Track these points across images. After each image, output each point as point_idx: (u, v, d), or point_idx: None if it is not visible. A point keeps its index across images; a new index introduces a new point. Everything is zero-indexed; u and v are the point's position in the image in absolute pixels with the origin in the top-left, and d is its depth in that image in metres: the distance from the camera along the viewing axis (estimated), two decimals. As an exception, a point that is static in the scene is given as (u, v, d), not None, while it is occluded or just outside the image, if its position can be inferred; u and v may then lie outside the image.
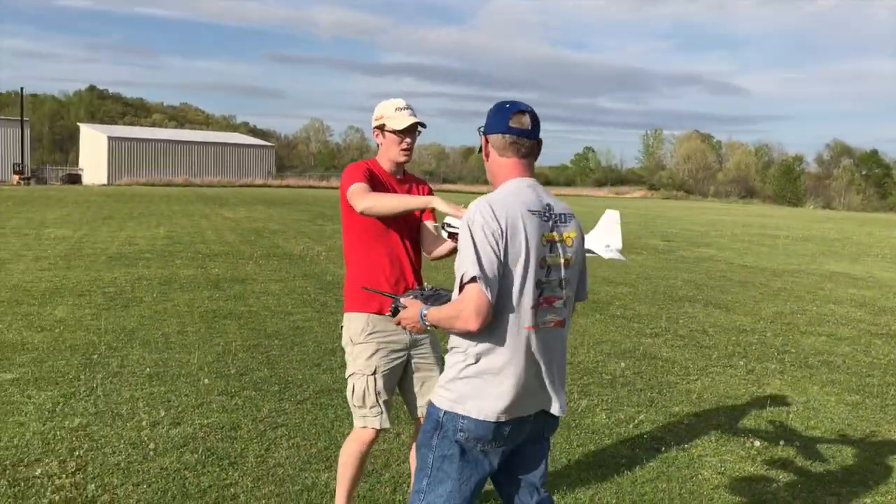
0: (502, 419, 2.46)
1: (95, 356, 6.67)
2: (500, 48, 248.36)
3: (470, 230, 2.41)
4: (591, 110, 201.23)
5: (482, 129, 2.64)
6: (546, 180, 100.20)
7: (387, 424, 3.47)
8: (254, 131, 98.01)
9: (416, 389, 3.53)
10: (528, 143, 2.57)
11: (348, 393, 3.50)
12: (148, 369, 6.31)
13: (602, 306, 10.25)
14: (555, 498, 4.15)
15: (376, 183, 3.45)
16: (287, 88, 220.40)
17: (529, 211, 2.46)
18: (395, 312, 2.84)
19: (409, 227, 3.52)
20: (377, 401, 3.43)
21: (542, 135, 2.63)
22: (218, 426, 5.04)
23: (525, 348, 2.46)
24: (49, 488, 4.01)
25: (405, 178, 3.61)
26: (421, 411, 3.50)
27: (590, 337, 8.28)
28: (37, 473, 4.18)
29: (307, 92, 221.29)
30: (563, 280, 2.53)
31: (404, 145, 3.49)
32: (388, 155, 3.52)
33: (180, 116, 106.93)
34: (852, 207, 77.05)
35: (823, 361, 7.66)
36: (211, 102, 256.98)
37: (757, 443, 5.13)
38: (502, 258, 2.39)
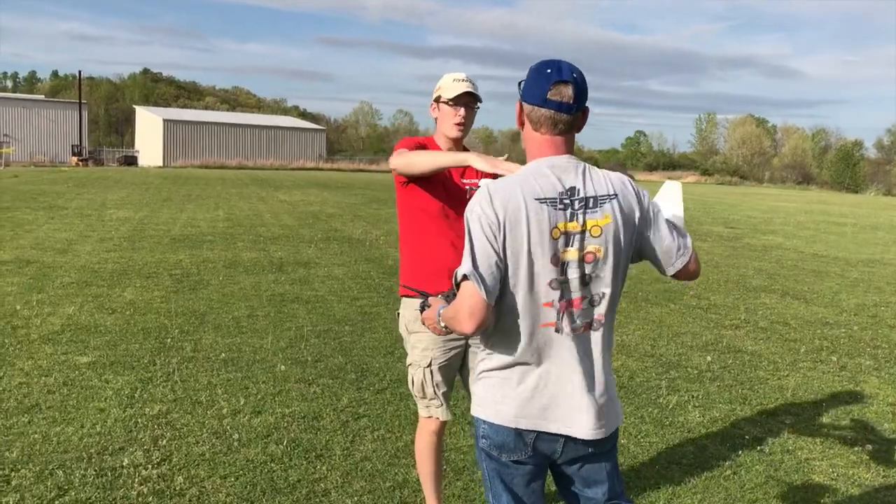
0: (522, 426, 2.18)
1: (169, 340, 6.60)
2: (550, 29, 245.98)
3: (468, 221, 2.14)
4: (641, 93, 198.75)
5: (521, 89, 2.25)
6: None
7: (448, 416, 3.32)
8: (304, 115, 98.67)
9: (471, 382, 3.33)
10: (566, 118, 2.18)
11: (409, 383, 3.35)
12: (223, 354, 6.21)
13: (675, 295, 9.91)
14: (660, 503, 3.91)
15: None
16: (337, 72, 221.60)
17: (537, 199, 2.11)
18: (422, 311, 2.61)
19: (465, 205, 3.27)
20: (436, 393, 3.27)
21: (591, 118, 2.25)
22: (300, 415, 4.89)
23: (543, 351, 2.17)
24: (136, 479, 3.89)
25: None
26: None
27: (668, 328, 7.98)
28: (123, 463, 4.07)
29: (356, 75, 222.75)
30: (586, 276, 2.16)
31: (457, 119, 3.21)
32: (443, 129, 3.27)
33: (232, 100, 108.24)
34: (915, 194, 74.52)
35: (920, 358, 7.24)
36: (262, 86, 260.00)
37: (868, 446, 4.80)
38: (502, 253, 2.10)
